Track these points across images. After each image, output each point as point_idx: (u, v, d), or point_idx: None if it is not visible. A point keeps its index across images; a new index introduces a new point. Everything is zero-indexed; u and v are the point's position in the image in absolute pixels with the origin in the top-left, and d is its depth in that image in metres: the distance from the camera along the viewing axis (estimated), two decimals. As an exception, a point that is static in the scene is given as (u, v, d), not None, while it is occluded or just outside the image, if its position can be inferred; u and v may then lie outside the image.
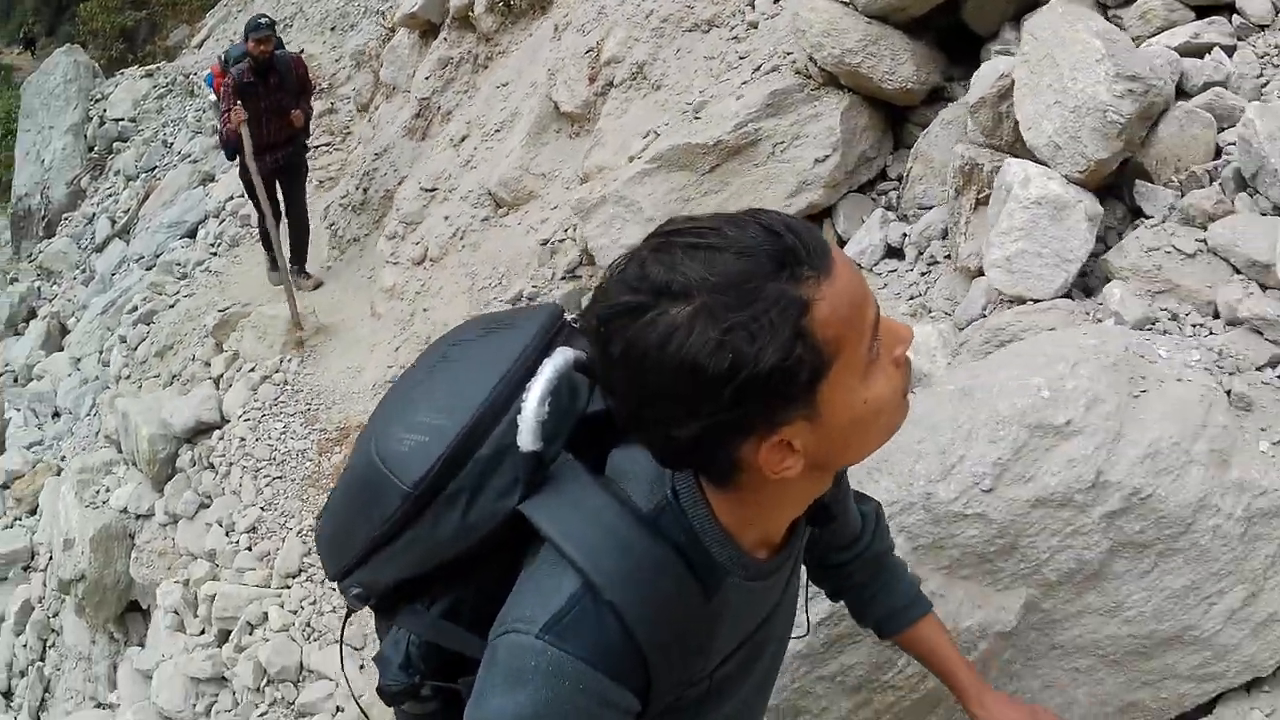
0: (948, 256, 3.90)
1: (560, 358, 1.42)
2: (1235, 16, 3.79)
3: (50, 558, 7.43)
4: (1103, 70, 3.23)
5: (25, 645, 7.61)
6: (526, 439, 1.35)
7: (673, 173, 4.82)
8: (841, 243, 4.49)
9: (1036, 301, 3.15)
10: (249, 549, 5.76)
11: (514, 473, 1.39)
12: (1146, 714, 2.86)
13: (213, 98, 8.27)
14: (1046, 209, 3.14)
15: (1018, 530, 2.52)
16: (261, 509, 5.94)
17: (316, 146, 10.69)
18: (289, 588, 5.37)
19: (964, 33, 4.43)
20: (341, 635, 1.72)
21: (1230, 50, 3.67)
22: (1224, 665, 2.73)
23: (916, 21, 4.50)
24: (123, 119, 15.72)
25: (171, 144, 14.46)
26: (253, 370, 7.23)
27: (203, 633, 5.53)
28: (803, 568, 1.78)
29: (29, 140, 16.50)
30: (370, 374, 6.57)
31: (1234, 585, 2.62)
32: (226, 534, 5.96)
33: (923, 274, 3.98)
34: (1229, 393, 2.65)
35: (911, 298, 3.91)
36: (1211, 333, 2.90)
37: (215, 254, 10.55)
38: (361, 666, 4.71)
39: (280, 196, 8.59)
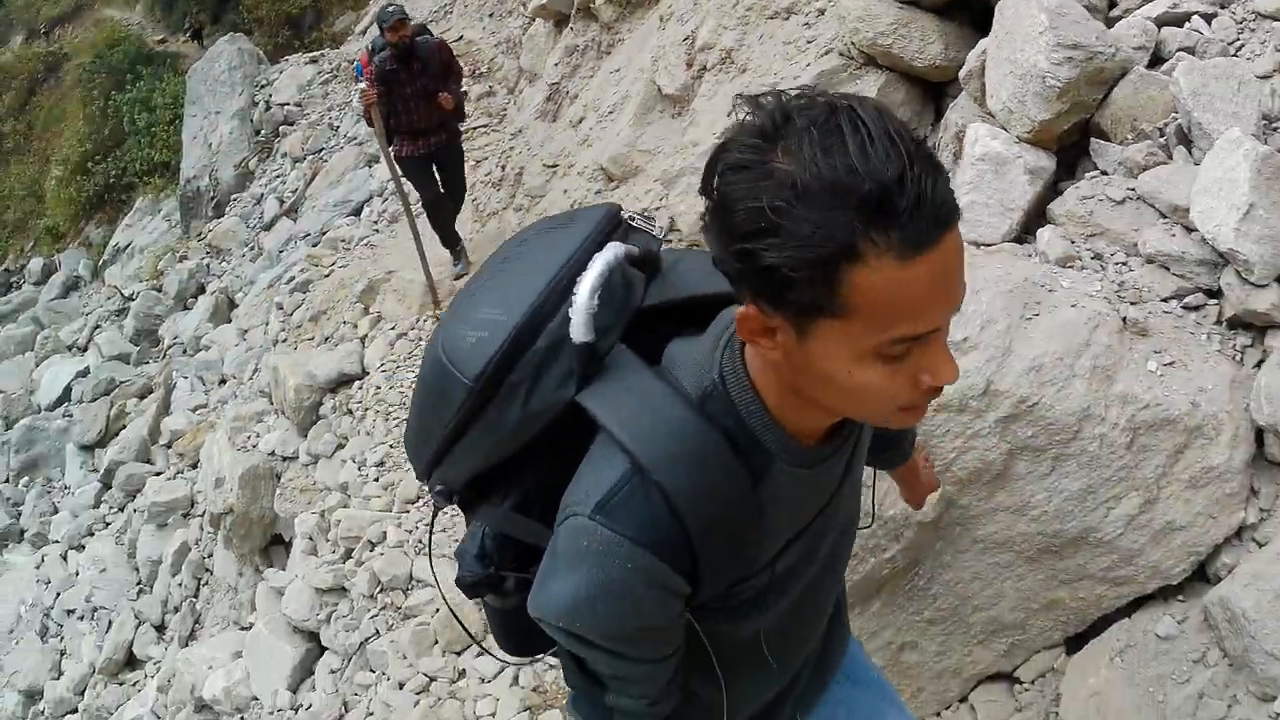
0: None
1: (611, 252, 1.58)
2: None
3: (206, 504, 8.72)
4: (1044, 41, 3.93)
5: (180, 584, 8.80)
6: (578, 330, 1.51)
7: None
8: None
9: (987, 246, 4.00)
10: (376, 480, 6.92)
11: (570, 364, 1.54)
12: (1069, 613, 3.35)
13: (363, 85, 8.77)
14: (989, 164, 3.87)
15: (926, 432, 3.09)
16: (390, 446, 7.10)
17: (475, 128, 11.68)
18: (407, 511, 6.49)
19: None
20: (430, 533, 2.34)
21: (1210, 18, 4.18)
22: (1133, 569, 3.21)
23: (949, 5, 5.19)
24: (288, 104, 16.85)
25: (337, 127, 15.58)
26: (392, 328, 8.46)
27: (332, 554, 6.71)
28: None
29: (195, 125, 17.71)
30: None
31: (1128, 491, 3.10)
32: (359, 468, 7.14)
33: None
34: (1125, 319, 3.20)
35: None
36: (1130, 269, 3.49)
37: (377, 230, 11.58)
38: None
39: (439, 179, 9.14)
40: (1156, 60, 4.12)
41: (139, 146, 20.22)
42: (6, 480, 13.66)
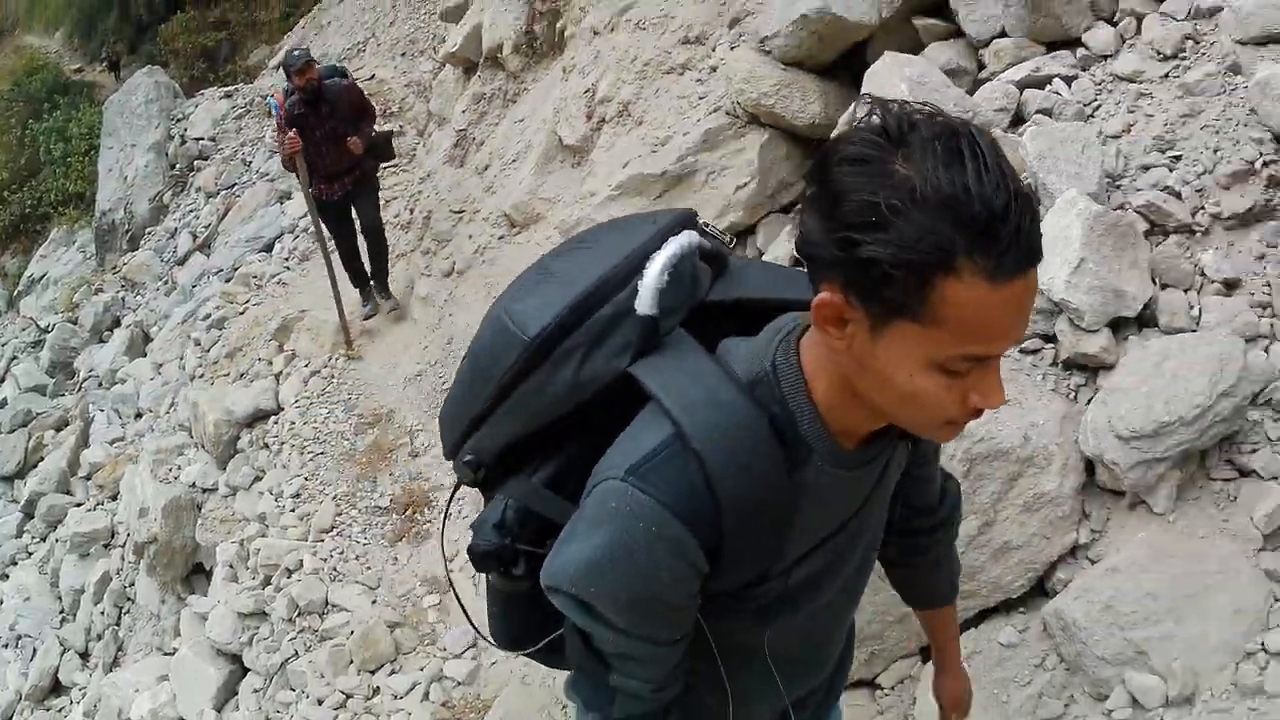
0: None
1: (686, 238, 1.67)
2: (1081, 49, 4.89)
3: (128, 534, 9.08)
4: None
5: (103, 612, 9.11)
6: (645, 303, 1.58)
7: (631, 198, 6.27)
8: (759, 255, 5.97)
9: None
10: (293, 510, 7.43)
11: (629, 335, 1.60)
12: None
13: (285, 132, 8.84)
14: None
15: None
16: (305, 479, 7.62)
17: (385, 167, 11.66)
18: (322, 541, 7.02)
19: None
20: (448, 504, 2.25)
21: (1071, 80, 4.73)
22: (975, 585, 3.60)
23: (830, 66, 5.78)
24: (203, 138, 17.06)
25: (250, 163, 15.83)
26: (306, 365, 8.96)
27: (252, 580, 7.18)
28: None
29: (112, 157, 17.95)
30: (403, 369, 8.23)
31: (967, 515, 3.43)
32: (275, 500, 7.65)
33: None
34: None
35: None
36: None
37: (288, 268, 11.90)
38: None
39: (356, 218, 9.26)
40: (1019, 120, 4.67)
41: (55, 177, 20.42)
42: None
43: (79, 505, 10.92)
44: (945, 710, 2.54)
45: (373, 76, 14.59)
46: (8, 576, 11.02)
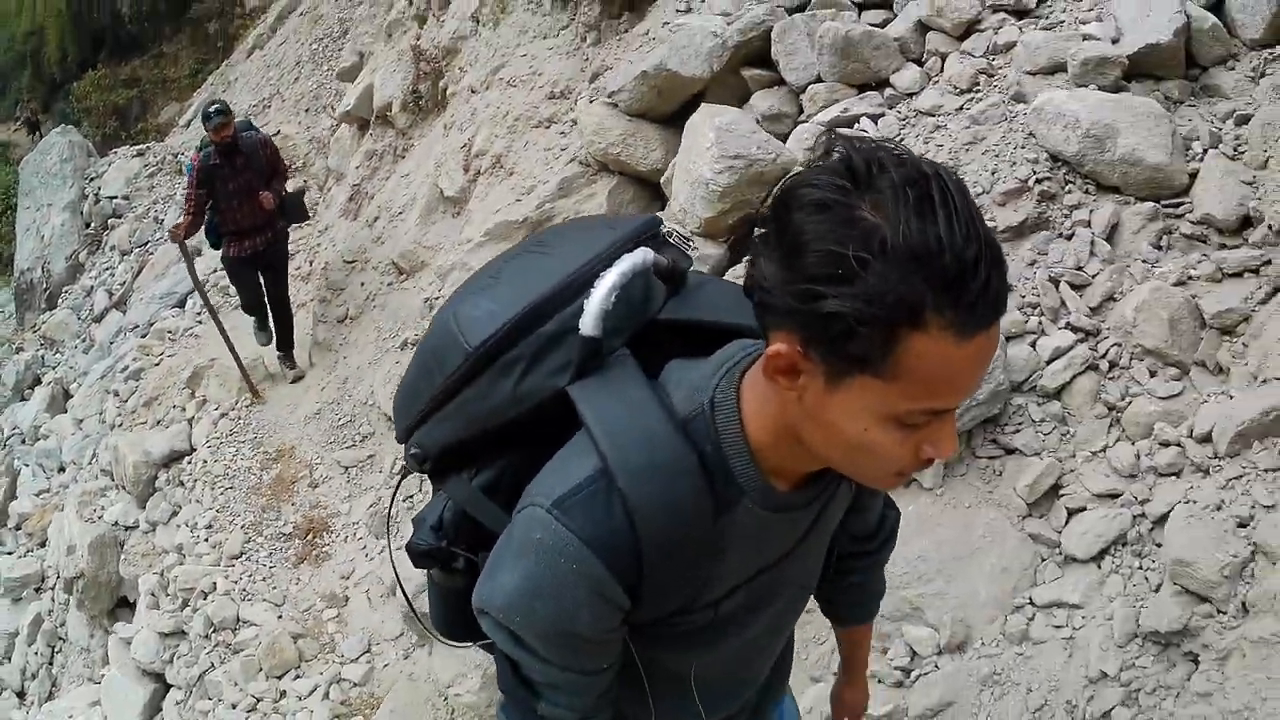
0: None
1: (640, 256, 1.67)
2: (889, 89, 5.59)
3: (58, 575, 9.83)
4: (710, 154, 5.39)
5: (36, 652, 9.82)
6: (588, 323, 1.59)
7: (498, 243, 7.09)
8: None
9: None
10: (206, 540, 8.28)
11: (570, 354, 1.61)
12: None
13: (179, 218, 9.20)
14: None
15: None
16: (216, 511, 8.47)
17: (296, 228, 12.65)
18: (233, 565, 7.87)
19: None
20: (393, 500, 2.43)
21: (878, 118, 5.40)
22: None
23: (671, 116, 6.57)
24: (116, 196, 17.55)
25: (162, 220, 16.15)
26: (216, 409, 9.79)
27: (171, 604, 8.01)
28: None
29: (29, 217, 18.53)
30: (303, 409, 9.09)
31: None
32: (191, 531, 8.49)
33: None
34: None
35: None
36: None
37: (200, 321, 12.42)
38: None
39: (263, 280, 9.46)
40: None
41: None
42: None
43: (9, 554, 11.53)
44: (839, 716, 2.63)
45: (278, 132, 15.07)
46: None
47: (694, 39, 6.34)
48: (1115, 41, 5.02)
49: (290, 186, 10.06)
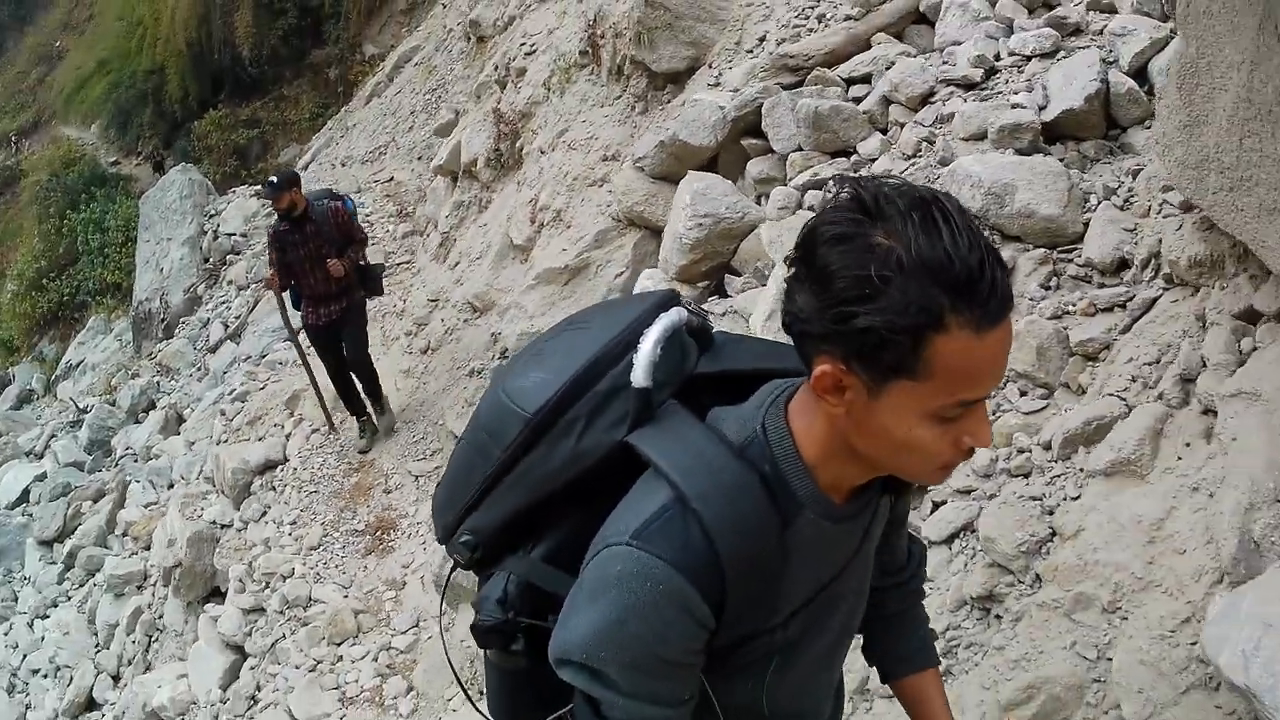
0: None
1: (676, 314, 1.94)
2: (856, 156, 6.68)
3: (159, 570, 11.78)
4: (685, 214, 7.04)
5: (134, 640, 11.73)
6: (639, 375, 1.83)
7: (545, 286, 9.01)
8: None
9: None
10: (290, 534, 10.23)
11: (625, 408, 1.85)
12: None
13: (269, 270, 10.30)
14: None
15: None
16: (301, 510, 10.43)
17: (399, 263, 14.40)
18: (311, 554, 9.77)
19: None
20: (445, 586, 2.84)
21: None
22: None
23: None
24: (234, 234, 19.57)
25: None
26: (309, 425, 11.84)
27: (254, 586, 9.93)
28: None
29: (148, 250, 20.41)
30: (390, 422, 11.10)
31: None
32: (276, 526, 10.46)
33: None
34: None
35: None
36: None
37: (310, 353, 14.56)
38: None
39: (344, 347, 10.39)
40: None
41: (91, 266, 23.21)
42: None
43: (115, 555, 13.58)
44: None
45: (391, 179, 17.38)
46: (48, 616, 13.77)
47: (702, 113, 7.91)
48: (1042, 108, 5.78)
49: (372, 257, 11.25)
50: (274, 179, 9.94)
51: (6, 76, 43.16)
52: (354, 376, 10.70)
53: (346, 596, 9.19)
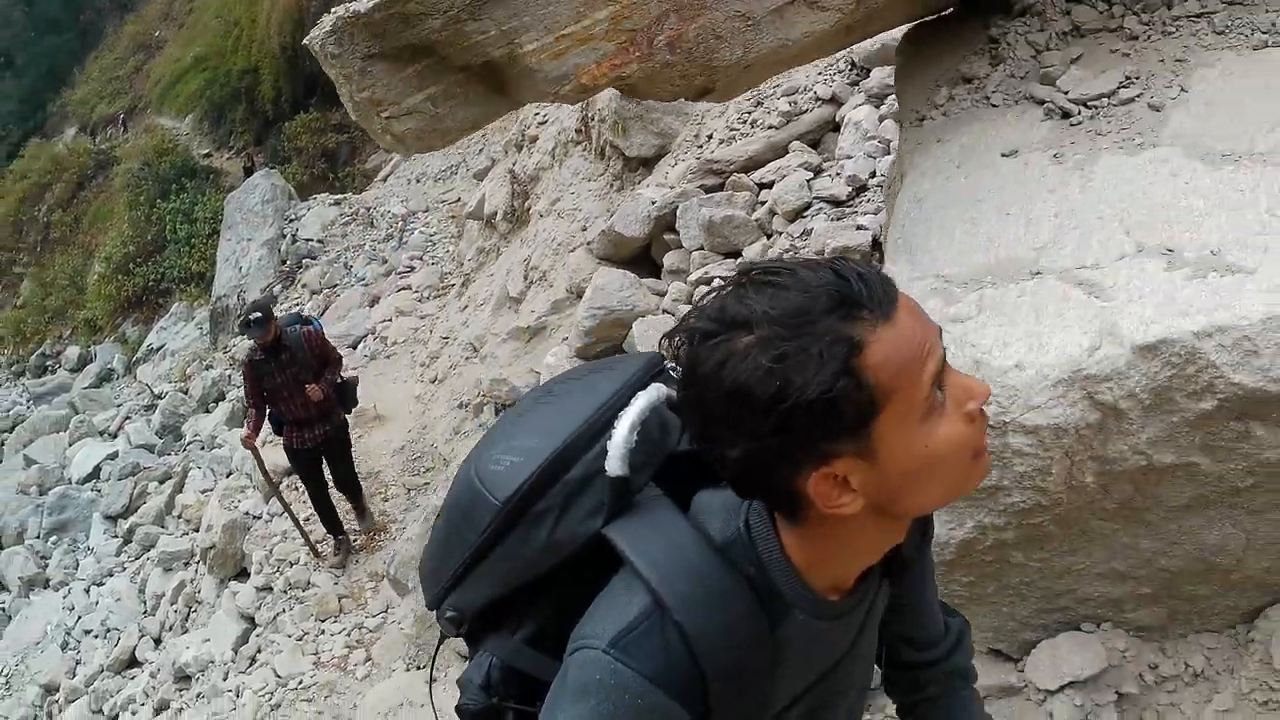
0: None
1: (654, 393, 1.97)
2: (742, 258, 8.35)
3: (200, 554, 14.84)
4: (586, 305, 9.61)
5: (175, 610, 14.51)
6: (613, 464, 1.88)
7: (513, 341, 11.93)
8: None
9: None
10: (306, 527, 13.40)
11: (600, 496, 1.91)
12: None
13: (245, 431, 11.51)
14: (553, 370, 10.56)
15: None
16: (312, 511, 13.23)
17: (449, 286, 16.98)
18: (317, 545, 12.97)
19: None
20: (433, 661, 3.41)
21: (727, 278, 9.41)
22: None
23: (628, 260, 10.25)
24: (311, 239, 22.17)
25: (351, 267, 20.95)
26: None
27: (269, 569, 13.00)
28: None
29: (229, 248, 23.23)
30: (396, 441, 14.07)
31: None
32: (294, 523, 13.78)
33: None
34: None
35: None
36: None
37: (369, 358, 17.19)
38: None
39: (329, 471, 11.69)
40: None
41: (178, 255, 26.29)
42: (38, 537, 20.03)
43: (169, 534, 16.67)
44: None
45: (458, 199, 19.95)
46: (104, 584, 16.93)
47: (637, 208, 10.03)
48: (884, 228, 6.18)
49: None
50: (257, 315, 10.56)
51: (105, 61, 46.84)
52: (343, 493, 12.17)
53: (336, 583, 12.21)
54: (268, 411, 11.29)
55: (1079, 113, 5.00)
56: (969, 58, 5.62)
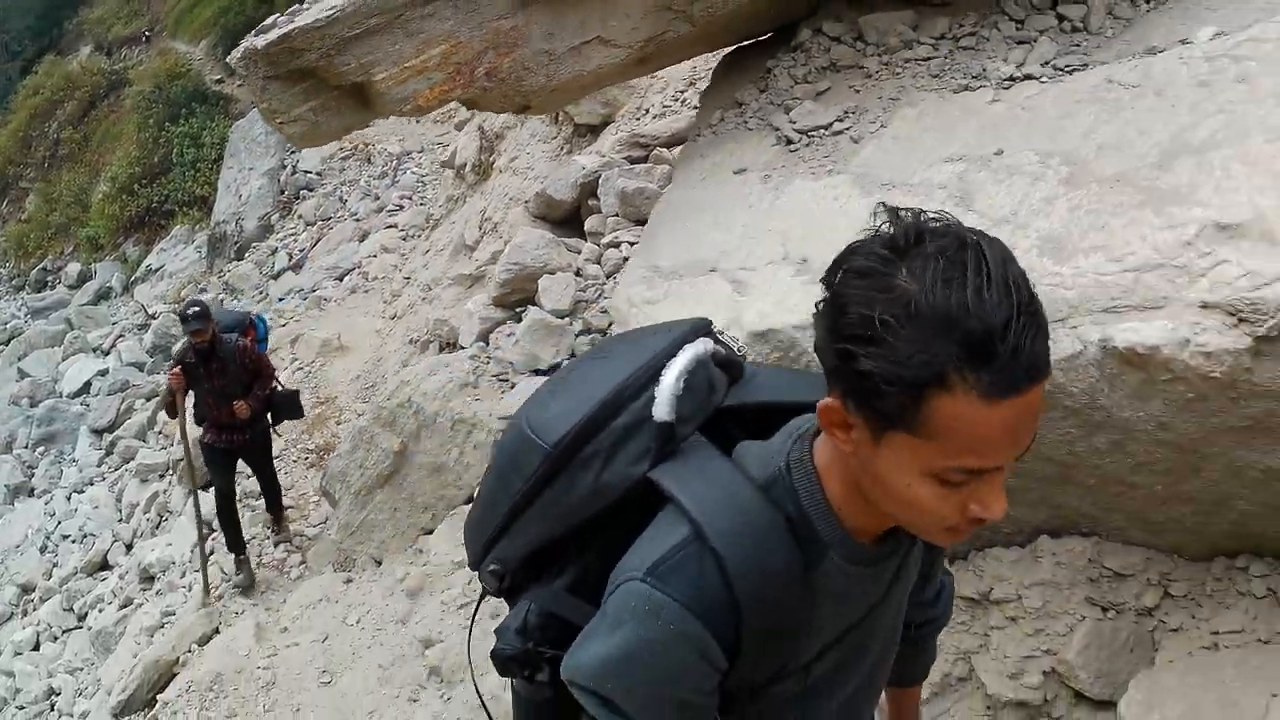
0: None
1: (701, 346, 2.16)
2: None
3: (172, 462, 16.65)
4: (504, 258, 11.76)
5: (148, 518, 16.22)
6: (661, 409, 2.05)
7: (456, 286, 13.95)
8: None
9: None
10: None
11: (647, 443, 2.08)
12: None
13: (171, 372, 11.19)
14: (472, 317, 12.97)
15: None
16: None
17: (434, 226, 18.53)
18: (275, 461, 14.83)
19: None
20: (474, 618, 3.05)
21: (633, 243, 8.55)
22: None
23: (560, 220, 12.05)
24: (310, 172, 23.77)
25: (345, 201, 22.50)
26: (297, 366, 16.69)
27: (229, 482, 15.46)
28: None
29: (231, 175, 24.85)
30: (354, 370, 15.82)
31: None
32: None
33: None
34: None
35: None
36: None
37: (352, 291, 19.00)
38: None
39: (254, 475, 12.42)
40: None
41: (183, 178, 27.84)
42: (26, 446, 21.75)
43: (149, 448, 18.36)
44: None
45: (450, 145, 21.09)
46: (84, 492, 18.76)
47: (569, 173, 11.77)
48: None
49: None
50: (195, 309, 10.57)
51: (122, -18, 47.64)
52: (264, 498, 12.77)
53: (285, 495, 14.15)
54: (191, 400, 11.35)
55: (799, 140, 6.20)
56: (744, 85, 7.15)
